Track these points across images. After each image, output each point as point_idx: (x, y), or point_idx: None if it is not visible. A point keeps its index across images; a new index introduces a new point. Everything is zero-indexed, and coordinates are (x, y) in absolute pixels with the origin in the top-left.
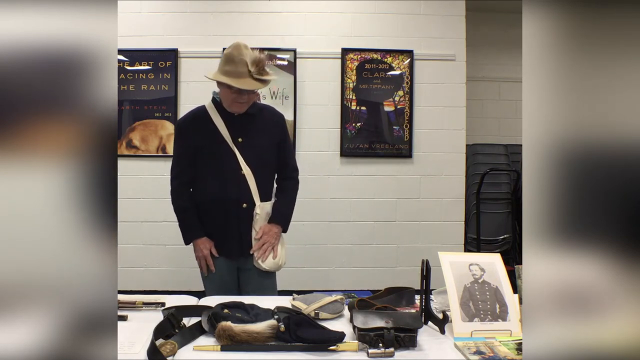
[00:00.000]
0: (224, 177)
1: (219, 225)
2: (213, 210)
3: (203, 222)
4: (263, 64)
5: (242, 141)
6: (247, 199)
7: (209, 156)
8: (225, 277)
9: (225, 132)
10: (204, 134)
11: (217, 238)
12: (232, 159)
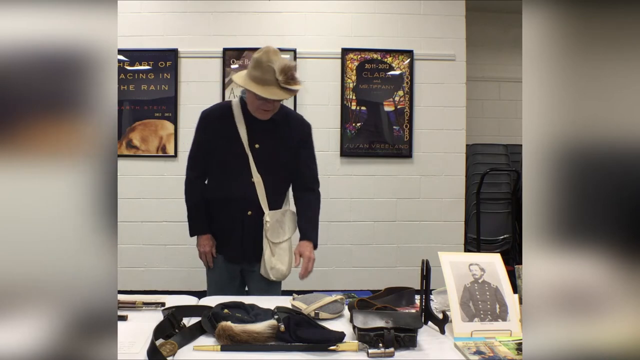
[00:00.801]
0: (234, 181)
1: (223, 228)
2: (219, 212)
3: (210, 219)
4: (292, 72)
5: (258, 147)
6: (254, 207)
7: (223, 156)
8: (225, 276)
9: (244, 136)
10: (223, 132)
11: (221, 239)
12: (245, 164)
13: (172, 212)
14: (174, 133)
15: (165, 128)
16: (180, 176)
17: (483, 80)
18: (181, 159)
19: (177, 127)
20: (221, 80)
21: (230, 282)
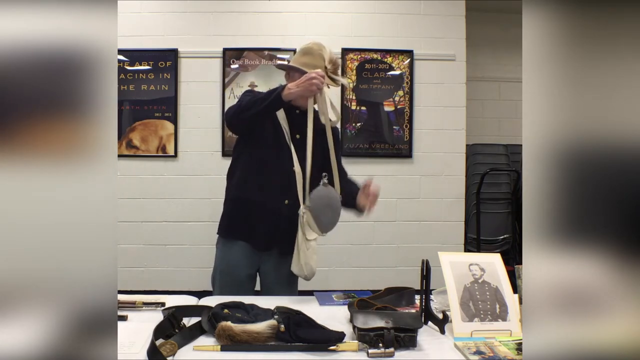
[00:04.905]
0: (275, 169)
1: (258, 215)
2: (257, 201)
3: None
4: (338, 66)
5: (299, 138)
6: (291, 196)
7: (265, 141)
8: (242, 263)
9: (285, 125)
10: (267, 121)
11: (250, 223)
12: (287, 153)
13: (172, 212)
14: (174, 133)
15: (165, 128)
16: (180, 176)
17: (483, 80)
18: (181, 159)
19: (177, 127)
20: (221, 80)
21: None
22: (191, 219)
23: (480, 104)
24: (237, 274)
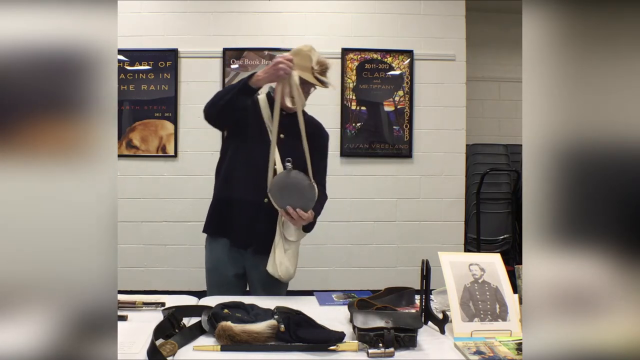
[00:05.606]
0: (257, 166)
1: (237, 211)
2: (235, 195)
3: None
4: (326, 67)
5: (283, 138)
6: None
7: (250, 140)
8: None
9: (269, 124)
10: (251, 119)
11: (230, 220)
12: (269, 152)
13: (172, 212)
14: (174, 133)
15: (165, 128)
16: (180, 176)
17: (483, 80)
18: (181, 159)
19: (177, 127)
20: (221, 80)
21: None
22: (191, 219)
23: (480, 104)
24: (223, 273)
